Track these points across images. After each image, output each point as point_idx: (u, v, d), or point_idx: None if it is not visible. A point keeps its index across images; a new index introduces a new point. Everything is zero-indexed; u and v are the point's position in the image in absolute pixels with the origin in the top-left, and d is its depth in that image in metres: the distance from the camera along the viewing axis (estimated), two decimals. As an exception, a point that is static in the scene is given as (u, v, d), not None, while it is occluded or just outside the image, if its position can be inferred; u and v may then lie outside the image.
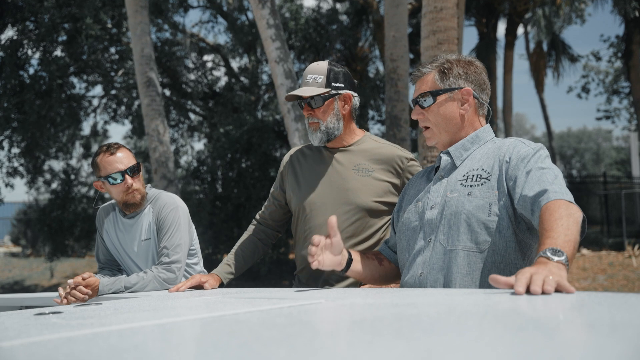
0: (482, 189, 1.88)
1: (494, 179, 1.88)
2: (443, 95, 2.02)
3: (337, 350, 0.79)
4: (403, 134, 9.09)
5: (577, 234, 1.60)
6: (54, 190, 15.76)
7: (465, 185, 1.91)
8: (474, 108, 2.04)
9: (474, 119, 2.05)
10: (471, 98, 2.01)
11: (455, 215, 1.88)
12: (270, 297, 1.71)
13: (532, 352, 0.73)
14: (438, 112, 2.03)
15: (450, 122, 2.03)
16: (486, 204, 1.85)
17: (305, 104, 2.52)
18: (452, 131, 2.04)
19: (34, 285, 17.39)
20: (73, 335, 1.04)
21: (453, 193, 1.93)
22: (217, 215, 14.33)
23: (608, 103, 26.29)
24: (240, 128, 13.99)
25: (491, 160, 1.93)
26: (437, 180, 2.04)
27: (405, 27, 8.93)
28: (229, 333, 1.01)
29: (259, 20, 7.86)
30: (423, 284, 1.93)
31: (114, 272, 3.10)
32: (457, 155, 2.02)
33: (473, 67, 2.04)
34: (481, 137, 2.04)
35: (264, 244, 2.77)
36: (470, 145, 2.02)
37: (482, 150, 2.00)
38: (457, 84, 2.01)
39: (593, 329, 0.89)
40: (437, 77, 2.03)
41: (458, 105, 2.02)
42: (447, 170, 2.03)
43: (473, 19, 18.95)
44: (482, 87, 2.05)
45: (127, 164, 2.87)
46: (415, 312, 1.17)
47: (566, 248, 1.53)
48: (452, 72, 2.02)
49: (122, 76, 15.34)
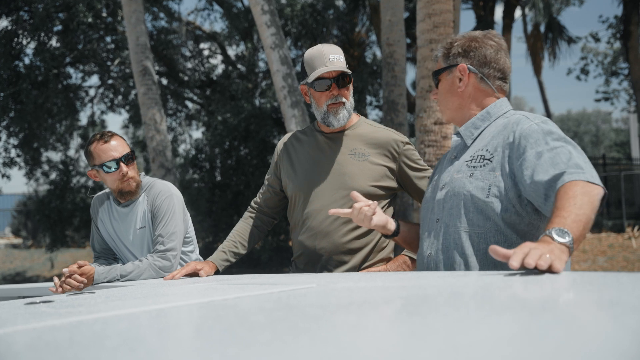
0: (483, 170, 1.85)
1: (495, 160, 1.84)
2: (443, 73, 2.03)
3: (320, 333, 0.78)
4: (400, 118, 9.07)
5: (591, 212, 1.53)
6: (53, 181, 15.76)
7: (470, 167, 1.89)
8: (474, 84, 1.99)
9: (478, 95, 2.00)
10: (468, 74, 1.97)
11: (457, 196, 1.88)
12: (262, 282, 1.71)
13: (517, 332, 0.72)
14: (441, 92, 2.05)
15: (450, 99, 2.03)
16: (486, 186, 1.82)
17: (334, 83, 2.48)
18: (453, 108, 2.03)
19: (35, 276, 17.45)
20: (58, 323, 1.03)
21: (459, 174, 1.91)
22: (216, 203, 14.34)
23: (607, 85, 26.20)
24: (238, 116, 13.96)
25: (496, 140, 1.88)
26: (449, 160, 2.03)
27: (402, 11, 8.87)
28: (214, 318, 1.00)
29: (254, 7, 7.81)
30: (430, 265, 1.93)
31: (109, 261, 3.10)
32: (467, 135, 1.99)
33: (474, 42, 1.98)
34: (492, 113, 1.98)
35: (260, 231, 2.76)
36: (481, 122, 1.98)
37: (492, 128, 1.95)
38: (454, 61, 2.00)
39: (581, 308, 0.88)
40: (441, 57, 2.04)
41: (456, 82, 2.00)
42: (459, 151, 2.02)
43: (470, 2, 18.82)
44: (484, 60, 1.97)
45: (121, 151, 2.86)
46: (405, 294, 1.16)
47: (574, 229, 1.48)
48: (451, 51, 2.01)
49: (118, 65, 15.28)
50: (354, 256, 2.48)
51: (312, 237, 2.50)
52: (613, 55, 25.60)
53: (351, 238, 2.47)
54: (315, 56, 2.47)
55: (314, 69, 2.46)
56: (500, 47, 1.99)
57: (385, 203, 2.53)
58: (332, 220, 2.47)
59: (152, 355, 0.72)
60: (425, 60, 6.10)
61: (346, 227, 2.47)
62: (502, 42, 2.01)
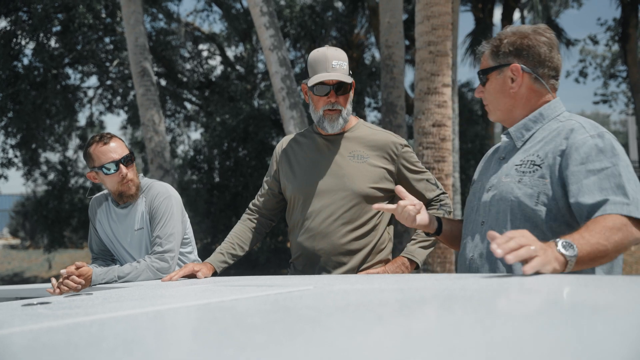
0: (532, 177, 1.77)
1: (545, 167, 1.76)
2: (492, 73, 1.94)
3: (316, 335, 0.78)
4: (399, 120, 9.08)
5: (613, 249, 1.49)
6: (51, 182, 15.75)
7: (519, 171, 1.82)
8: (528, 84, 1.89)
9: (532, 96, 1.90)
10: (522, 74, 1.88)
11: (504, 201, 1.81)
12: (259, 284, 1.71)
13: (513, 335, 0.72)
14: (490, 91, 1.96)
15: (501, 100, 1.94)
16: (535, 193, 1.75)
17: (332, 90, 2.47)
18: (503, 109, 1.95)
19: (33, 276, 17.43)
20: (55, 324, 1.04)
21: (507, 177, 1.84)
22: (215, 204, 14.34)
23: (605, 87, 26.25)
24: (237, 117, 13.96)
25: (548, 146, 1.79)
26: (497, 161, 1.96)
27: (401, 13, 8.89)
28: (211, 320, 1.01)
29: (253, 8, 7.82)
30: (471, 268, 1.89)
31: (107, 263, 3.10)
32: (517, 137, 1.91)
33: (527, 40, 1.87)
34: (545, 115, 1.89)
35: (258, 233, 2.76)
36: (533, 124, 1.89)
37: (544, 131, 1.87)
38: (505, 60, 1.90)
39: (575, 311, 0.88)
40: (489, 55, 1.95)
41: (508, 83, 1.90)
42: (508, 152, 1.94)
43: (469, 4, 18.85)
44: (538, 60, 1.88)
45: (121, 153, 2.86)
46: (400, 297, 1.17)
47: (584, 251, 1.43)
48: (501, 49, 1.91)
49: (117, 66, 15.29)
50: (353, 257, 2.49)
51: (311, 238, 2.51)
52: (611, 58, 25.66)
53: (350, 239, 2.48)
54: (319, 60, 2.48)
55: (315, 72, 2.47)
56: (553, 43, 1.91)
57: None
58: (331, 222, 2.48)
59: (150, 357, 0.72)
60: (423, 62, 6.11)
61: (345, 228, 2.48)
62: (553, 37, 1.92)
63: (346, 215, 2.48)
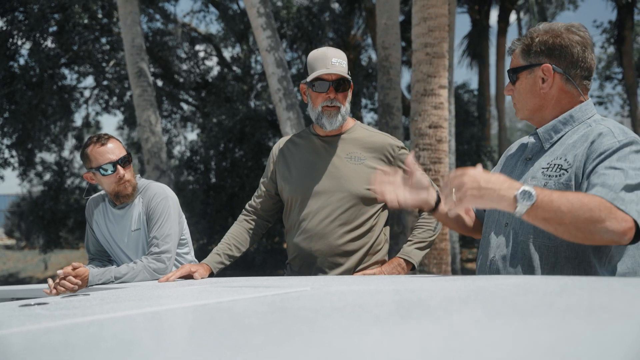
0: (558, 181, 1.75)
1: (572, 171, 1.74)
2: (523, 72, 1.90)
3: (313, 336, 0.79)
4: (395, 121, 9.09)
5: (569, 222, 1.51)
6: (47, 182, 15.72)
7: (545, 175, 1.80)
8: (559, 85, 1.85)
9: (563, 97, 1.86)
10: (553, 74, 1.84)
11: None
12: (256, 285, 1.71)
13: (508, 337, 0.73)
14: (520, 89, 1.92)
15: (530, 100, 1.90)
16: None
17: (331, 86, 2.49)
18: (532, 109, 1.91)
19: (28, 277, 17.38)
20: (53, 325, 1.04)
21: (533, 180, 1.82)
22: (211, 205, 14.33)
23: (601, 89, 26.33)
24: (233, 118, 13.96)
25: (576, 150, 1.76)
26: (524, 162, 1.94)
27: (397, 15, 8.90)
28: (209, 321, 1.01)
29: (249, 9, 7.82)
30: (492, 269, 1.88)
31: (104, 263, 3.10)
32: (545, 138, 1.89)
33: (559, 39, 1.83)
34: (576, 118, 1.85)
35: (255, 234, 2.77)
36: (562, 126, 1.86)
37: (573, 134, 1.83)
38: (537, 60, 1.86)
39: (571, 313, 0.89)
40: (519, 53, 1.91)
41: (539, 83, 1.86)
42: (536, 153, 1.91)
43: (465, 6, 18.90)
44: (571, 60, 1.83)
45: (118, 154, 2.86)
46: (397, 298, 1.17)
47: (540, 206, 1.53)
48: (532, 48, 1.86)
49: (113, 67, 15.27)
50: (349, 258, 2.50)
51: (308, 239, 2.52)
52: (607, 60, 25.73)
53: (347, 240, 2.49)
54: (318, 57, 2.51)
55: (314, 70, 2.49)
56: (587, 43, 1.86)
57: (379, 207, 2.56)
58: (328, 223, 2.49)
59: (148, 357, 0.72)
60: (420, 64, 6.12)
61: (342, 229, 2.49)
62: (587, 35, 1.87)
63: (343, 216, 2.49)
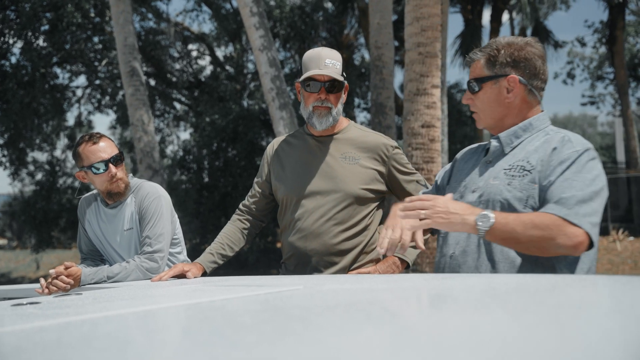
0: (522, 181, 1.86)
1: (535, 173, 1.85)
2: (488, 82, 1.98)
3: (306, 334, 0.79)
4: (388, 121, 9.10)
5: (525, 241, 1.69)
6: (39, 182, 15.63)
7: (508, 175, 1.90)
8: (522, 95, 1.97)
9: (524, 106, 1.98)
10: (518, 85, 1.95)
11: (493, 203, 1.88)
12: (249, 284, 1.72)
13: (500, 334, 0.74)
14: (484, 99, 2.00)
15: (495, 109, 1.99)
16: (524, 196, 1.84)
17: (323, 87, 2.50)
18: (497, 118, 2.01)
19: (20, 277, 17.30)
20: (46, 324, 1.04)
21: (495, 180, 1.92)
22: (204, 204, 14.30)
23: (593, 89, 26.45)
24: (226, 117, 13.94)
25: (538, 155, 1.89)
26: (484, 164, 2.03)
27: (390, 14, 8.91)
28: (202, 320, 1.01)
29: (242, 8, 7.81)
30: (452, 265, 1.94)
31: (96, 263, 3.09)
32: (506, 142, 1.99)
33: (524, 52, 1.95)
34: (534, 126, 1.98)
35: (248, 233, 2.77)
36: (522, 132, 1.98)
37: (533, 141, 1.95)
38: (502, 71, 1.96)
39: (561, 310, 0.90)
40: (484, 64, 1.99)
41: (504, 93, 1.96)
42: (496, 156, 2.01)
43: (458, 5, 18.93)
44: (534, 72, 1.96)
45: (110, 153, 2.85)
46: (390, 297, 1.18)
47: (497, 229, 1.67)
48: (498, 59, 1.96)
49: (105, 66, 15.22)
50: (344, 257, 2.51)
51: (303, 238, 2.52)
52: (599, 60, 25.86)
53: (341, 239, 2.50)
54: (312, 57, 2.52)
55: (308, 69, 2.50)
56: (544, 56, 1.99)
57: (374, 206, 2.57)
58: (323, 222, 2.50)
59: (140, 356, 0.73)
60: (413, 64, 6.14)
61: (337, 228, 2.50)
62: (542, 48, 2.01)
63: (338, 215, 2.50)
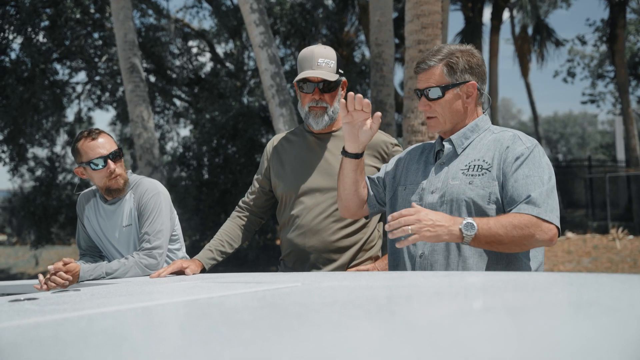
0: (482, 179, 1.97)
1: (494, 170, 1.97)
2: (452, 89, 2.07)
3: (303, 331, 0.79)
4: (388, 118, 9.09)
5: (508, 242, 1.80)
6: (38, 178, 15.62)
7: (467, 175, 2.00)
8: (475, 99, 2.11)
9: (474, 109, 2.13)
10: (475, 90, 2.09)
11: (457, 202, 1.98)
12: (247, 281, 1.71)
13: (498, 332, 0.74)
14: (445, 105, 2.08)
15: (455, 114, 2.10)
16: (486, 193, 1.95)
17: (316, 88, 2.50)
18: (455, 122, 2.11)
19: (19, 273, 17.30)
20: (43, 320, 1.04)
21: (454, 180, 2.01)
22: (204, 201, 14.30)
23: (593, 87, 26.43)
24: (226, 114, 13.92)
25: (491, 152, 2.01)
26: (438, 166, 2.11)
27: (391, 12, 8.89)
28: (199, 316, 1.01)
29: (243, 5, 7.80)
30: (423, 265, 2.01)
31: (95, 259, 3.08)
32: (458, 144, 2.09)
33: (476, 59, 2.10)
34: (480, 126, 2.11)
35: (248, 231, 2.77)
36: (471, 133, 2.10)
37: (482, 140, 2.08)
38: (463, 78, 2.07)
39: (560, 308, 0.90)
40: (445, 71, 2.07)
41: (464, 98, 2.09)
42: (449, 158, 2.10)
43: (459, 3, 18.91)
44: (483, 78, 2.13)
45: (109, 149, 2.85)
46: (388, 294, 1.18)
47: (482, 234, 1.76)
48: (458, 66, 2.07)
49: (105, 62, 15.19)
50: (343, 254, 2.51)
51: (302, 235, 2.52)
52: (599, 58, 25.83)
53: (340, 236, 2.50)
54: (306, 57, 2.51)
55: (302, 70, 2.50)
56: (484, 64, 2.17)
57: (372, 203, 2.57)
58: (322, 219, 2.50)
59: (137, 352, 0.72)
60: (413, 61, 6.12)
61: (336, 225, 2.50)
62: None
63: (337, 212, 2.50)
